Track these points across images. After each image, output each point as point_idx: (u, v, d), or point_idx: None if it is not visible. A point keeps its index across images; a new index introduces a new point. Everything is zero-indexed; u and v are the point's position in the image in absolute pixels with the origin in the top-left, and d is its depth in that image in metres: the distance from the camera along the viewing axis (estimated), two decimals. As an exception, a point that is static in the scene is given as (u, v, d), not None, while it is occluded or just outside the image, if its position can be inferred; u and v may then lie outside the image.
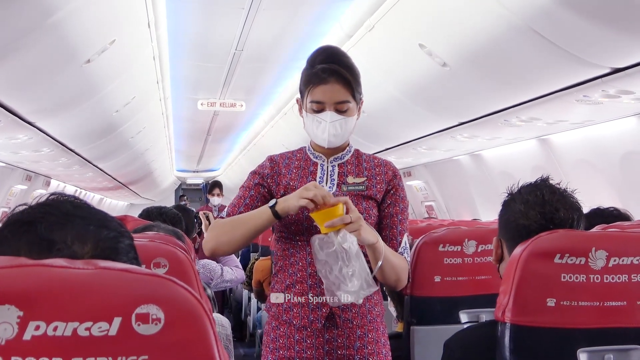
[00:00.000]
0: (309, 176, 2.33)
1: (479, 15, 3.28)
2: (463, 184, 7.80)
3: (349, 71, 2.25)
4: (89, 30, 3.68)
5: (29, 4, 2.83)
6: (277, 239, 2.41)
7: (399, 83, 4.89)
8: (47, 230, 1.04)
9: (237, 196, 2.38)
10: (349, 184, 2.31)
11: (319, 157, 2.37)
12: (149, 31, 4.70)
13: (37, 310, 0.83)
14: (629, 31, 2.77)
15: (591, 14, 2.70)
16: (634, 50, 2.97)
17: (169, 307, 0.87)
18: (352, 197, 2.25)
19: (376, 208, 2.34)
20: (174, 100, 8.62)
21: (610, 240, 1.78)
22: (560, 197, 1.92)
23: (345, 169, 2.35)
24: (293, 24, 5.20)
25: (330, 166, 2.36)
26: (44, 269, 0.85)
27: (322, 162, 2.36)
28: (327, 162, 2.36)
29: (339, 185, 2.31)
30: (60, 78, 4.28)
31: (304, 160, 2.38)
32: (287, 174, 2.35)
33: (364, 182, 2.32)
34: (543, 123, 4.77)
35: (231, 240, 2.26)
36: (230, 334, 2.64)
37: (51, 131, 5.78)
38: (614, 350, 1.76)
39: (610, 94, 3.59)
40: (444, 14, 3.56)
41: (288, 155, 2.41)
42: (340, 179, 2.33)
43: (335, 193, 2.29)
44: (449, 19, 3.56)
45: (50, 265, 0.86)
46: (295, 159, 2.39)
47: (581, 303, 1.74)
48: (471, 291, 2.76)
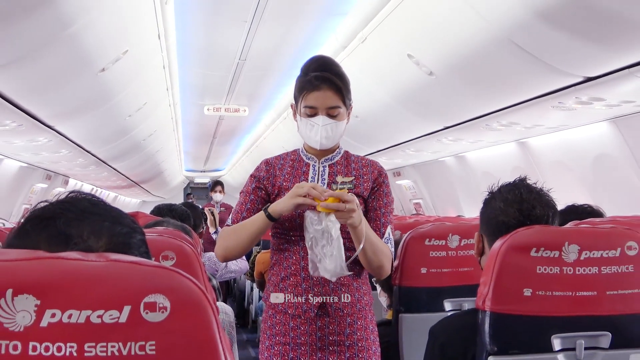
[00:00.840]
0: (301, 176, 2.35)
1: (463, 28, 3.28)
2: (448, 183, 7.80)
3: (340, 79, 2.27)
4: (103, 41, 3.68)
5: (49, 17, 2.83)
6: (272, 234, 2.42)
7: (389, 90, 4.89)
8: (65, 226, 1.04)
9: (238, 202, 2.41)
10: (338, 183, 2.32)
11: (311, 159, 2.38)
12: (159, 42, 4.71)
13: (53, 299, 0.83)
14: (600, 43, 2.77)
15: (566, 27, 2.70)
16: (604, 60, 2.98)
17: (175, 296, 0.86)
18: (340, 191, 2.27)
19: (363, 204, 2.35)
20: (183, 105, 8.61)
21: (582, 235, 1.79)
22: (537, 196, 1.93)
23: (335, 169, 2.37)
24: (292, 36, 5.20)
25: (321, 167, 2.37)
26: (59, 261, 0.85)
27: (314, 163, 2.38)
28: (318, 163, 2.38)
29: (329, 184, 2.33)
30: (77, 85, 4.27)
31: (297, 161, 2.39)
32: (281, 175, 2.37)
33: (352, 180, 2.34)
34: (521, 127, 4.78)
35: (237, 247, 2.32)
36: (233, 320, 2.64)
37: (69, 134, 5.77)
38: (585, 336, 1.77)
39: (583, 101, 3.59)
40: (431, 27, 3.56)
41: (282, 157, 2.43)
42: (330, 178, 2.35)
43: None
44: (435, 31, 3.56)
45: (66, 258, 0.86)
46: (288, 160, 2.41)
47: (555, 293, 1.75)
48: (455, 282, 2.76)
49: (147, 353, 0.85)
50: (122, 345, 0.84)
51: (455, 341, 1.86)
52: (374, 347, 2.38)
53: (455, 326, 1.92)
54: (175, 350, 0.86)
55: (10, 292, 0.82)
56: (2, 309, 0.82)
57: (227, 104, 8.24)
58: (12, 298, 0.82)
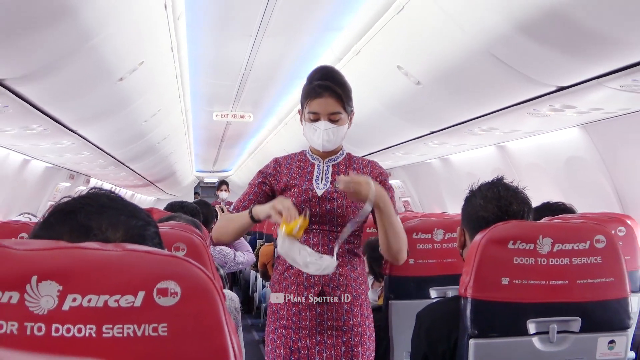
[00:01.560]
0: (307, 175, 2.36)
1: (447, 41, 3.28)
2: (434, 183, 7.80)
3: (341, 87, 2.31)
4: (121, 53, 3.67)
5: (71, 30, 2.83)
6: None
7: (380, 98, 4.89)
8: (85, 219, 1.04)
9: (244, 192, 2.42)
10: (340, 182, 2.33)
11: (316, 159, 2.41)
12: (172, 54, 4.71)
13: (74, 285, 0.83)
14: (572, 55, 2.78)
15: (540, 40, 2.70)
16: (575, 71, 2.98)
17: (185, 282, 0.86)
18: (343, 192, 2.29)
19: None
20: (193, 112, 8.61)
21: (554, 230, 1.79)
22: (513, 193, 1.94)
23: (338, 169, 2.39)
24: (292, 49, 5.20)
25: (325, 166, 2.39)
26: (80, 251, 0.85)
27: (319, 163, 2.40)
28: (323, 163, 2.39)
29: (332, 182, 2.34)
30: (97, 93, 4.27)
31: (304, 161, 2.41)
32: (288, 173, 2.39)
33: None
34: (500, 132, 4.78)
35: (226, 234, 2.38)
36: (239, 307, 2.64)
37: (90, 137, 5.77)
38: (557, 321, 1.78)
39: (556, 108, 3.59)
40: (418, 41, 3.56)
41: (291, 157, 2.45)
42: (333, 177, 2.36)
43: (328, 189, 2.32)
44: (422, 45, 3.56)
45: (85, 247, 0.86)
46: (296, 160, 2.44)
47: (530, 282, 1.75)
48: (439, 272, 2.78)
49: (160, 334, 0.85)
50: (136, 327, 0.85)
51: (440, 325, 1.86)
52: (368, 332, 2.39)
53: (439, 312, 1.92)
54: (185, 331, 0.86)
55: (35, 278, 0.82)
56: (28, 294, 0.82)
57: (234, 110, 8.24)
58: (36, 284, 0.82)
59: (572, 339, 1.79)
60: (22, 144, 5.40)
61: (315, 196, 2.32)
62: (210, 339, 0.87)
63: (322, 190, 2.33)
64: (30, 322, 0.81)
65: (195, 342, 0.87)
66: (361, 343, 2.34)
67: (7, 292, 0.81)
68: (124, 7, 3.07)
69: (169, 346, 0.85)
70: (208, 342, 0.87)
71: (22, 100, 3.55)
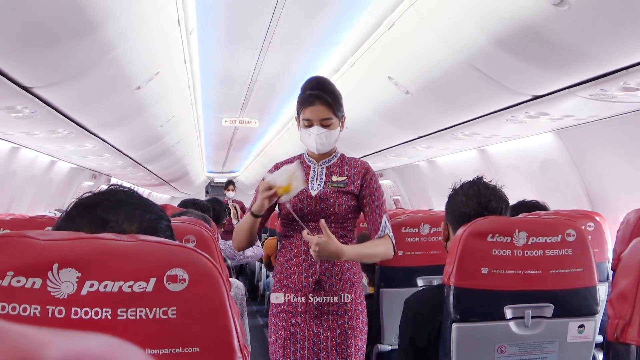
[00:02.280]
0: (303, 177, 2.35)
1: (433, 55, 3.28)
2: (422, 183, 7.80)
3: (331, 95, 2.32)
4: (139, 64, 3.67)
5: (94, 44, 2.83)
6: (281, 224, 2.46)
7: (373, 106, 4.89)
8: (104, 212, 1.04)
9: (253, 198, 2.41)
10: (332, 182, 2.35)
11: (312, 162, 2.42)
12: (185, 66, 4.70)
13: (92, 272, 0.83)
14: (545, 67, 2.78)
15: (517, 53, 2.70)
16: (549, 82, 2.98)
17: (192, 270, 0.86)
18: (335, 192, 2.32)
19: (354, 200, 2.37)
20: (205, 118, 8.60)
21: (529, 224, 1.79)
22: (492, 191, 1.94)
23: (331, 170, 2.39)
24: (293, 61, 5.20)
25: (320, 168, 2.40)
26: (97, 241, 0.85)
27: (314, 165, 2.41)
28: (317, 165, 2.40)
29: (326, 182, 2.35)
30: (117, 100, 4.27)
31: (301, 164, 2.40)
32: None
33: (345, 180, 2.36)
34: (481, 137, 4.78)
35: (242, 240, 2.39)
36: (244, 294, 2.64)
37: (111, 140, 5.77)
38: (532, 307, 1.78)
39: (532, 115, 3.59)
40: (407, 54, 3.56)
41: (290, 161, 2.44)
42: (327, 177, 2.37)
43: (322, 189, 2.34)
44: (411, 57, 3.56)
45: (102, 238, 0.86)
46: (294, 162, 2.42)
47: (507, 271, 1.75)
48: (425, 262, 2.78)
49: (169, 317, 0.85)
50: (148, 310, 0.85)
51: (425, 311, 1.86)
52: (361, 316, 2.40)
53: (425, 298, 1.92)
54: (192, 314, 0.86)
55: (56, 266, 0.82)
56: (50, 280, 0.82)
57: (241, 117, 8.24)
58: (57, 271, 0.82)
59: (545, 324, 1.79)
60: (49, 146, 5.40)
61: (310, 196, 2.34)
62: (215, 321, 0.87)
63: (317, 191, 2.34)
64: (51, 306, 0.81)
65: (201, 324, 0.87)
66: (354, 326, 2.35)
67: (31, 278, 0.81)
68: (141, 24, 3.07)
69: (177, 327, 0.85)
70: (213, 323, 0.87)
71: (49, 106, 3.55)
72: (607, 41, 2.29)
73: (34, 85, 3.10)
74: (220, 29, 4.44)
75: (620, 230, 2.56)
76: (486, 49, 2.78)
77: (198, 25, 4.18)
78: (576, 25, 2.21)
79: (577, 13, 2.11)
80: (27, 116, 3.62)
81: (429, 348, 1.85)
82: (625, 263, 1.05)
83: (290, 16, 3.89)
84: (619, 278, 1.07)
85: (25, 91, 3.09)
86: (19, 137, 4.70)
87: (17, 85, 2.96)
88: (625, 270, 1.05)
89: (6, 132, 4.35)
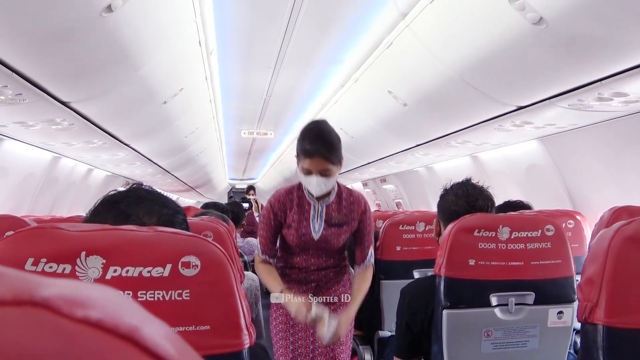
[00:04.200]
0: (304, 214, 2.34)
1: (427, 71, 3.28)
2: (421, 187, 7.78)
3: (328, 147, 2.22)
4: (164, 81, 3.70)
5: (124, 62, 2.86)
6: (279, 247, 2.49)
7: (375, 117, 4.90)
8: (126, 207, 1.06)
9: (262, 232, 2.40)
10: (332, 221, 2.35)
11: (312, 200, 2.37)
12: (207, 82, 4.73)
13: (115, 258, 0.84)
14: (527, 80, 2.78)
15: (501, 68, 2.71)
16: (531, 93, 2.98)
17: (204, 257, 0.88)
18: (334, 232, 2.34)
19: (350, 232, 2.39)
20: (225, 130, 8.62)
21: (512, 220, 1.79)
22: (479, 191, 1.94)
23: (331, 209, 2.36)
24: (304, 78, 5.22)
25: (320, 207, 2.36)
26: (120, 232, 0.87)
27: (314, 204, 2.36)
28: (318, 204, 2.36)
29: (326, 221, 2.33)
30: (146, 113, 4.31)
31: (301, 198, 2.37)
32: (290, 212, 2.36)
33: (343, 217, 2.35)
34: (473, 144, 4.77)
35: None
36: (259, 286, 2.64)
37: (141, 150, 5.81)
38: (515, 295, 1.77)
39: (517, 124, 3.59)
40: (404, 70, 3.57)
41: (290, 191, 2.40)
42: (327, 216, 2.35)
43: (322, 234, 2.35)
44: (408, 73, 3.56)
45: (124, 229, 0.87)
46: (295, 197, 2.38)
47: (492, 263, 1.75)
48: (421, 257, 2.78)
49: (184, 298, 0.87)
50: (165, 292, 0.86)
51: (419, 299, 1.86)
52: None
53: (419, 288, 1.92)
54: (204, 296, 0.87)
55: (84, 253, 0.83)
56: (78, 266, 0.83)
57: (258, 129, 8.25)
58: (85, 258, 0.83)
59: (527, 310, 1.78)
60: (86, 155, 5.44)
61: (312, 239, 2.35)
62: (224, 302, 0.88)
63: (318, 231, 2.34)
64: (79, 289, 0.83)
65: (212, 305, 0.88)
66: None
67: (62, 265, 0.83)
68: (166, 44, 3.10)
69: (191, 308, 0.87)
70: (222, 305, 0.88)
71: (85, 119, 3.59)
72: (581, 56, 2.28)
73: (71, 100, 3.14)
74: (238, 49, 4.47)
75: (596, 226, 2.55)
76: (474, 64, 2.79)
77: (217, 45, 4.21)
78: (552, 41, 2.21)
79: (553, 30, 2.11)
80: (65, 128, 3.66)
81: (422, 332, 1.85)
82: (592, 251, 1.06)
83: (299, 37, 3.91)
84: (587, 265, 1.07)
85: (64, 105, 3.12)
86: (59, 148, 4.75)
87: (57, 100, 3.00)
88: (592, 258, 1.05)
89: (48, 142, 4.39)
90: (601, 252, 1.02)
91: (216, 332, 0.88)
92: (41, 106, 2.94)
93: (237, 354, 0.90)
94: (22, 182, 4.88)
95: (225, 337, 0.89)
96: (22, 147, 4.45)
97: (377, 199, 10.16)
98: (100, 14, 2.04)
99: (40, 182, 5.32)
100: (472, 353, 1.75)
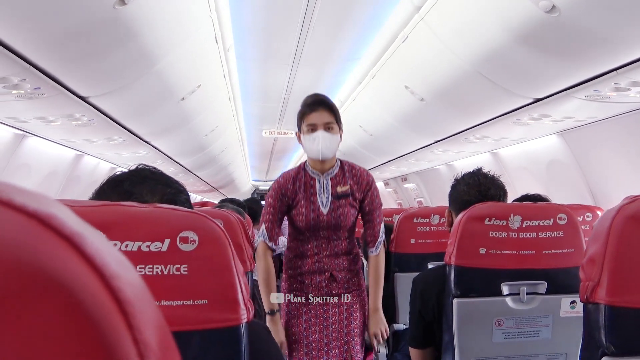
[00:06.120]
0: (310, 189, 2.35)
1: (444, 65, 3.27)
2: (441, 185, 7.73)
3: (330, 103, 2.32)
4: (182, 77, 3.74)
5: (141, 57, 2.90)
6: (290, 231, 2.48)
7: (392, 113, 4.89)
8: (130, 186, 1.08)
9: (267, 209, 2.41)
10: (338, 193, 2.33)
11: (316, 174, 2.38)
12: (225, 80, 4.76)
13: (115, 233, 0.86)
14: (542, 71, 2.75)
15: (515, 59, 2.69)
16: (547, 85, 2.95)
17: (202, 232, 0.89)
18: (343, 205, 2.34)
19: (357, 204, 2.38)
20: (247, 129, 8.65)
21: (523, 209, 1.78)
22: (491, 180, 1.94)
23: (335, 181, 2.36)
24: (322, 75, 5.23)
25: (325, 180, 2.37)
26: (119, 207, 0.88)
27: (319, 177, 2.37)
28: (322, 177, 2.37)
29: (333, 194, 2.34)
30: (165, 110, 4.35)
31: (305, 176, 2.38)
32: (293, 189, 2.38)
33: (348, 189, 2.35)
34: (492, 140, 4.73)
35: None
36: None
37: (162, 147, 5.86)
38: (527, 284, 1.76)
39: (535, 117, 3.55)
40: (421, 65, 3.56)
41: (292, 175, 2.42)
42: (332, 189, 2.35)
43: (330, 201, 2.35)
44: (424, 68, 3.56)
45: (124, 205, 0.89)
46: (299, 177, 2.40)
47: (504, 251, 1.74)
48: (435, 249, 2.77)
49: (182, 273, 0.88)
50: (163, 267, 0.87)
51: (430, 288, 1.86)
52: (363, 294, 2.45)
53: (430, 277, 1.92)
54: (201, 271, 0.88)
55: (84, 228, 0.85)
56: (79, 240, 0.84)
57: (279, 128, 8.25)
58: (85, 232, 0.85)
59: (539, 299, 1.77)
60: (107, 153, 5.51)
61: (322, 214, 2.34)
62: (221, 277, 0.90)
63: (326, 204, 2.34)
64: (81, 263, 0.84)
65: (209, 279, 0.89)
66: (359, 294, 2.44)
67: (65, 240, 0.84)
68: (181, 39, 3.13)
69: (189, 282, 0.88)
70: (220, 279, 0.89)
71: (104, 114, 3.64)
72: (596, 44, 2.26)
73: (90, 95, 3.18)
74: (255, 47, 4.49)
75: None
76: (489, 55, 2.77)
77: (235, 43, 4.24)
78: (566, 30, 2.19)
79: (567, 19, 2.09)
80: (85, 124, 3.71)
81: (434, 321, 1.85)
82: (595, 231, 1.05)
83: (315, 34, 3.92)
84: (590, 245, 1.06)
85: (82, 100, 3.17)
86: (81, 145, 4.82)
87: (75, 95, 3.05)
88: (595, 238, 1.04)
89: (70, 139, 4.45)
90: (603, 231, 1.01)
91: (214, 307, 0.89)
92: (60, 100, 2.99)
93: (234, 328, 0.91)
94: (43, 180, 4.95)
95: (223, 311, 0.90)
96: (45, 145, 4.51)
97: (399, 198, 10.12)
98: (113, 6, 2.08)
99: (63, 181, 5.39)
100: (483, 342, 1.74)
